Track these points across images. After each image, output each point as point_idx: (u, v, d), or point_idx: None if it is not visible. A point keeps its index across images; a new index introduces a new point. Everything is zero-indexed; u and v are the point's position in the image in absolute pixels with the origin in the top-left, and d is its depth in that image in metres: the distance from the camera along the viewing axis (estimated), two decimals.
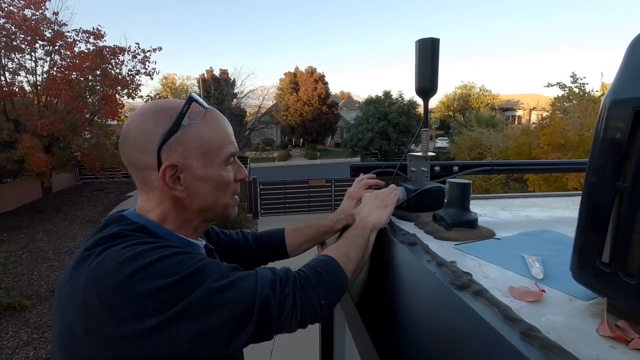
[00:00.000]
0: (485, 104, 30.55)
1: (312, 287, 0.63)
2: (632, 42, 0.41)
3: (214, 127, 0.67)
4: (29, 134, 9.68)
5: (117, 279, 0.52)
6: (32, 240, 9.18)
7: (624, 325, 0.42)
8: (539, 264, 0.61)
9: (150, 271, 0.52)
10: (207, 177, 0.66)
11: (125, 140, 0.65)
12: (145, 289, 0.51)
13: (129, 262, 0.53)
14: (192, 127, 0.64)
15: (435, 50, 0.90)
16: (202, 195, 0.67)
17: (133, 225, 0.63)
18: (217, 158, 0.67)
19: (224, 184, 0.69)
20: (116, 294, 0.51)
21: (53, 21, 10.72)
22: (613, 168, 0.40)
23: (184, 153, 0.64)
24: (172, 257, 0.55)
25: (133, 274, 0.52)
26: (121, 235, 0.59)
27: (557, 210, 1.04)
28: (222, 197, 0.70)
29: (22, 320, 5.60)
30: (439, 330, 0.54)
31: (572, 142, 8.22)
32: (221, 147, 0.67)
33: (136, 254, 0.54)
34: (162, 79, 31.87)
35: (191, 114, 0.65)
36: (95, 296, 0.52)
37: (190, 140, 0.64)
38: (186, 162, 0.64)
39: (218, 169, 0.67)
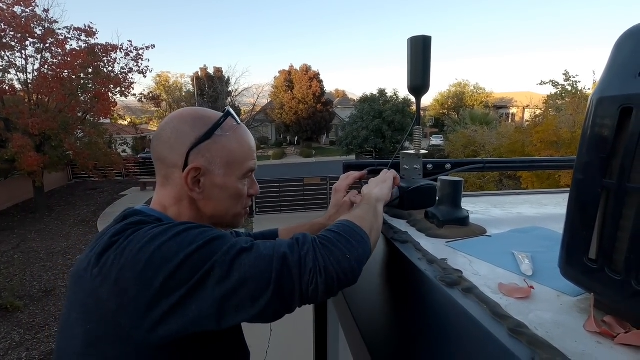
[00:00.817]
0: (480, 101, 30.75)
1: (333, 244, 0.61)
2: (618, 41, 0.41)
3: (242, 142, 0.72)
4: (19, 133, 9.56)
5: (149, 251, 0.55)
6: (24, 241, 9.08)
7: (610, 320, 0.42)
8: (529, 261, 0.61)
9: (177, 240, 0.56)
10: (225, 186, 0.70)
11: (160, 136, 0.70)
12: (175, 257, 0.54)
13: (158, 236, 0.56)
14: (223, 137, 0.70)
15: (427, 48, 0.90)
16: (216, 201, 0.71)
17: (151, 218, 0.66)
18: (238, 171, 0.71)
19: (238, 195, 0.73)
20: (148, 268, 0.54)
21: (44, 18, 10.57)
22: (600, 165, 0.41)
23: (210, 159, 0.68)
24: (195, 229, 0.59)
25: (162, 245, 0.55)
26: (145, 222, 0.63)
27: (547, 207, 1.05)
28: (233, 207, 0.74)
29: (15, 322, 5.54)
30: (429, 326, 0.54)
31: (565, 140, 8.30)
32: (244, 161, 0.72)
33: (164, 230, 0.58)
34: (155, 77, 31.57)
35: (225, 126, 0.70)
36: (129, 272, 0.55)
37: (219, 149, 0.69)
38: (209, 168, 0.69)
39: (236, 180, 0.71)
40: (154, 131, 0.77)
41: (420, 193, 0.94)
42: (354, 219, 0.70)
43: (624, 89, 0.39)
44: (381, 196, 0.85)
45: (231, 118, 0.72)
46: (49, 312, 5.80)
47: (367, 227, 0.69)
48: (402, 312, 0.63)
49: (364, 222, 0.70)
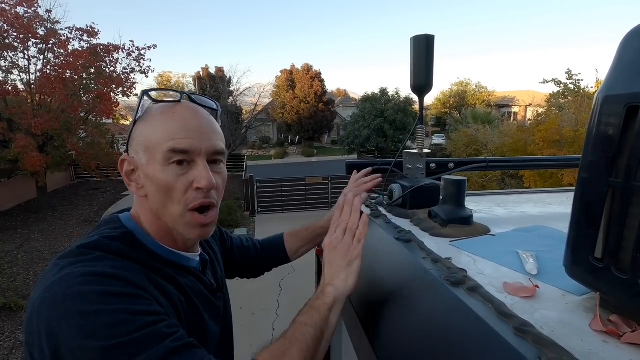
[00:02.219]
0: (481, 100, 30.65)
1: None
2: (624, 39, 0.41)
3: (156, 121, 0.62)
4: (22, 133, 9.59)
5: (54, 312, 0.49)
6: (28, 240, 9.12)
7: (616, 320, 0.42)
8: (533, 260, 0.61)
9: (80, 322, 0.48)
10: (150, 176, 0.61)
11: None
12: (71, 336, 0.48)
13: (71, 299, 0.49)
14: (140, 121, 0.63)
15: (430, 47, 0.90)
16: (151, 196, 0.63)
17: (119, 231, 0.62)
18: (157, 155, 0.60)
19: (166, 187, 0.60)
20: (49, 326, 0.49)
21: (46, 19, 10.61)
22: (605, 164, 0.41)
23: (135, 148, 0.63)
24: (110, 316, 0.49)
25: (66, 316, 0.49)
26: (95, 247, 0.57)
27: (551, 206, 1.05)
28: (169, 204, 0.61)
29: (19, 321, 5.56)
30: (434, 326, 0.54)
31: (568, 139, 8.26)
32: (158, 143, 0.60)
33: (81, 294, 0.50)
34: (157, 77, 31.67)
35: (141, 108, 0.64)
36: (35, 317, 0.51)
37: (137, 135, 0.63)
38: (137, 158, 0.63)
39: (160, 168, 0.60)
40: None
41: (424, 192, 0.94)
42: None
43: (630, 88, 0.39)
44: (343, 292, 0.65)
45: (147, 98, 0.63)
46: None
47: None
48: (406, 311, 0.63)
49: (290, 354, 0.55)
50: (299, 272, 6.41)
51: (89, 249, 0.57)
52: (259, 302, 5.43)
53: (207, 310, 0.70)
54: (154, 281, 0.59)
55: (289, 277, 6.30)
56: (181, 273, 0.66)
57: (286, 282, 6.18)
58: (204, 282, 0.72)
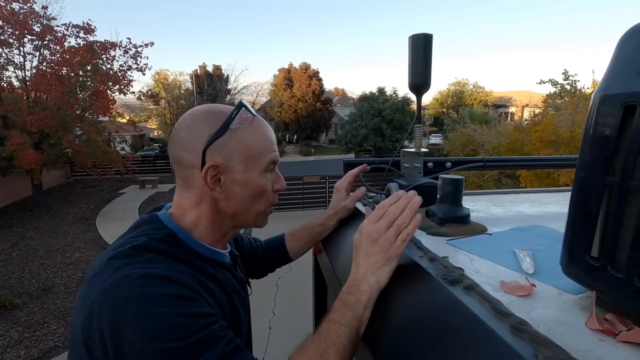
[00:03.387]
0: (479, 100, 30.78)
1: None
2: (621, 38, 0.41)
3: (258, 133, 0.69)
4: (18, 130, 9.54)
5: (116, 315, 0.51)
6: (23, 238, 9.06)
7: (612, 318, 0.42)
8: (530, 259, 0.61)
9: (144, 324, 0.50)
10: (246, 182, 0.67)
11: (175, 138, 0.67)
12: (134, 337, 0.50)
13: (133, 302, 0.52)
14: (238, 131, 0.66)
15: (428, 46, 0.90)
16: (238, 199, 0.68)
17: (162, 232, 0.64)
18: (258, 164, 0.68)
19: (261, 191, 0.69)
20: (111, 327, 0.51)
21: (42, 15, 10.53)
22: (602, 163, 0.41)
23: (228, 156, 0.65)
24: (172, 319, 0.51)
25: (130, 318, 0.51)
26: (146, 250, 0.59)
27: (548, 205, 1.05)
28: (257, 204, 0.70)
29: (13, 319, 5.53)
30: (430, 324, 0.54)
31: (564, 139, 8.31)
32: (263, 154, 0.68)
33: (141, 296, 0.52)
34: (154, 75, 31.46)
35: (239, 119, 0.67)
36: (96, 318, 0.52)
37: (235, 144, 0.66)
38: (228, 165, 0.65)
39: (258, 175, 0.68)
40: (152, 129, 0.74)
41: (421, 191, 0.94)
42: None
43: (627, 87, 0.39)
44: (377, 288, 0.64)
45: (245, 110, 0.68)
46: (47, 310, 5.80)
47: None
48: (403, 310, 0.63)
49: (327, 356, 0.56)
50: (296, 270, 6.41)
51: (141, 250, 0.59)
52: (255, 300, 5.39)
53: (240, 303, 0.74)
54: (201, 282, 0.62)
55: (286, 275, 6.30)
56: (219, 269, 0.70)
57: (283, 280, 6.18)
58: (236, 276, 0.76)
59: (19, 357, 4.69)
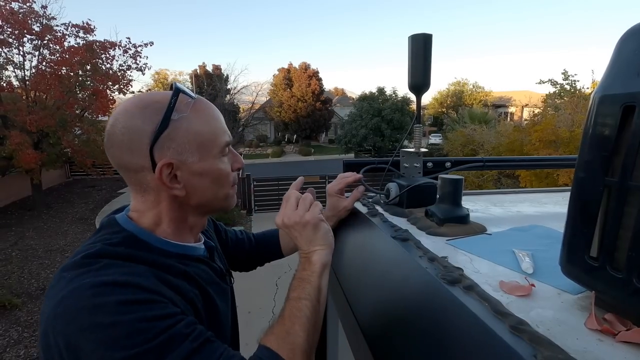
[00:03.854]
0: (478, 100, 30.79)
1: None
2: (621, 38, 0.41)
3: (205, 117, 0.63)
4: (17, 130, 9.52)
5: (71, 327, 0.49)
6: (22, 238, 9.05)
7: (611, 318, 0.42)
8: (529, 259, 0.61)
9: (99, 335, 0.48)
10: (205, 171, 0.63)
11: (112, 141, 0.61)
12: (91, 348, 0.48)
13: (86, 311, 0.50)
14: (182, 120, 0.61)
15: (428, 46, 0.90)
16: (200, 190, 0.64)
17: (120, 235, 0.61)
18: (213, 149, 0.64)
19: (223, 175, 0.67)
20: (67, 340, 0.49)
21: (41, 15, 10.51)
22: (602, 163, 0.41)
23: (178, 149, 0.60)
24: (128, 326, 0.49)
25: (84, 330, 0.49)
26: (101, 255, 0.56)
27: (547, 205, 1.05)
28: (220, 189, 0.67)
29: (13, 319, 5.53)
30: (430, 324, 0.55)
31: (563, 139, 8.32)
32: (215, 137, 0.64)
33: (95, 306, 0.50)
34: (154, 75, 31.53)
35: (180, 106, 0.61)
36: (51, 332, 0.51)
37: (183, 135, 0.60)
38: (181, 159, 0.61)
39: (215, 161, 0.64)
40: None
41: (421, 191, 0.94)
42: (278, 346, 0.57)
43: (627, 87, 0.39)
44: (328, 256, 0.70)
45: (183, 94, 0.62)
46: None
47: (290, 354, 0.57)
48: (403, 310, 0.63)
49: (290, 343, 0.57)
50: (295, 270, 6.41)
51: (94, 257, 0.56)
52: (255, 300, 5.42)
53: (219, 296, 0.71)
54: (165, 281, 0.58)
55: (285, 275, 6.30)
56: (190, 264, 0.66)
57: (282, 280, 6.18)
58: (214, 268, 0.73)
59: (19, 357, 4.69)
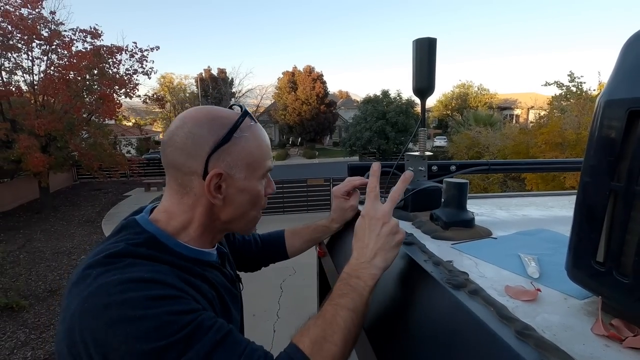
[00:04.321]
0: (483, 103, 30.64)
1: None
2: (626, 43, 0.41)
3: (259, 141, 0.69)
4: (26, 134, 9.66)
5: (99, 322, 0.51)
6: (30, 241, 9.15)
7: (618, 324, 0.42)
8: (535, 263, 0.61)
9: (128, 328, 0.50)
10: (247, 189, 0.68)
11: (173, 141, 0.64)
12: (119, 342, 0.50)
13: (115, 307, 0.51)
14: (242, 139, 0.66)
15: (432, 50, 0.90)
16: (236, 206, 0.68)
17: (142, 236, 0.62)
18: (258, 172, 0.68)
19: (258, 197, 0.70)
20: (93, 335, 0.50)
21: (50, 20, 10.69)
22: (607, 168, 0.41)
23: (231, 163, 0.65)
24: (156, 319, 0.51)
25: (112, 324, 0.50)
26: (124, 255, 0.58)
27: (553, 209, 1.04)
28: (252, 209, 0.71)
29: (20, 321, 5.58)
30: (435, 329, 0.54)
31: (570, 141, 8.25)
32: (263, 161, 0.69)
33: (123, 301, 0.51)
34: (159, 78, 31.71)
35: (243, 126, 0.66)
36: (78, 329, 0.52)
37: (239, 152, 0.65)
38: (231, 172, 0.65)
39: (257, 182, 0.69)
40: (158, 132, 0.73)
41: (426, 195, 0.94)
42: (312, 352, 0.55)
43: (632, 92, 0.39)
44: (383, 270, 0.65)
45: (248, 117, 0.68)
46: (54, 312, 5.84)
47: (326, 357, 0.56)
48: (408, 314, 0.63)
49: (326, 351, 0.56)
50: (300, 273, 6.41)
51: (117, 257, 0.57)
52: (260, 303, 5.42)
53: (231, 301, 0.73)
54: (187, 280, 0.61)
55: (290, 278, 6.30)
56: (206, 269, 0.69)
57: (287, 283, 6.18)
58: (225, 274, 0.76)
59: (26, 359, 4.73)
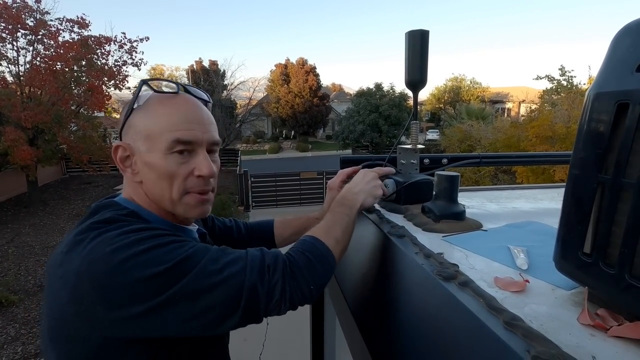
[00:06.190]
0: (476, 96, 30.75)
1: (302, 274, 0.62)
2: (615, 36, 0.41)
3: (158, 111, 0.64)
4: (12, 126, 9.43)
5: (110, 265, 0.52)
6: (18, 235, 9.02)
7: (603, 313, 0.43)
8: (524, 255, 0.62)
9: (141, 259, 0.53)
10: (150, 164, 0.64)
11: None
12: (136, 276, 0.52)
13: (122, 249, 0.53)
14: (139, 110, 0.65)
15: (424, 42, 0.90)
16: (149, 182, 0.65)
17: (124, 210, 0.64)
18: (159, 144, 0.63)
19: (167, 174, 0.63)
20: (108, 279, 0.52)
21: (35, 9, 10.39)
22: (595, 160, 0.41)
23: (133, 136, 0.65)
24: (164, 247, 0.55)
25: (125, 261, 0.52)
26: (114, 220, 0.59)
27: (542, 201, 1.06)
28: (167, 190, 0.64)
29: (10, 316, 5.52)
30: (425, 320, 0.55)
31: (560, 135, 8.35)
32: (161, 132, 0.63)
33: (130, 242, 0.54)
34: (150, 70, 31.24)
35: (141, 97, 0.65)
36: (87, 281, 0.53)
37: (136, 124, 0.65)
38: (135, 145, 0.65)
39: (161, 156, 0.63)
40: None
41: (417, 188, 0.94)
42: (328, 241, 0.69)
43: (621, 85, 0.39)
44: (367, 203, 0.83)
45: (147, 87, 0.66)
46: None
47: (338, 250, 0.70)
48: (399, 306, 0.64)
49: (337, 245, 0.70)
50: None
51: (108, 222, 0.59)
52: None
53: None
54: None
55: None
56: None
57: None
58: None
59: (16, 354, 4.69)
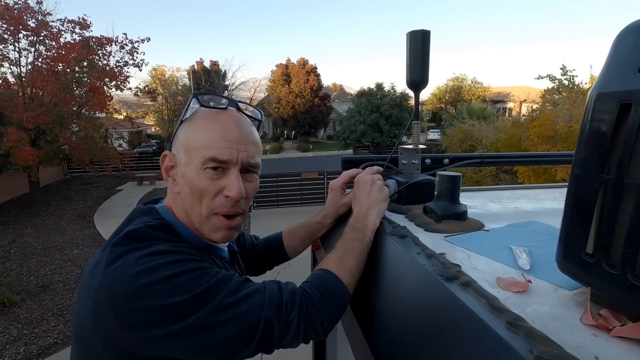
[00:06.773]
0: (477, 96, 30.70)
1: (316, 311, 0.63)
2: (618, 36, 0.41)
3: (200, 126, 0.65)
4: (14, 127, 9.47)
5: (129, 288, 0.53)
6: (20, 235, 9.04)
7: (606, 314, 0.43)
8: (526, 255, 0.62)
9: (161, 287, 0.53)
10: (186, 176, 0.64)
11: None
12: (154, 303, 0.52)
13: (144, 274, 0.54)
14: (187, 122, 0.67)
15: (426, 42, 0.90)
16: (184, 195, 0.66)
17: (160, 222, 0.65)
18: (195, 159, 0.63)
19: (198, 189, 0.63)
20: (126, 302, 0.53)
21: (37, 10, 10.43)
22: (598, 160, 0.41)
23: (178, 147, 0.66)
24: (186, 274, 0.55)
25: (145, 287, 0.53)
26: (144, 238, 0.60)
27: (544, 201, 1.06)
28: (197, 206, 0.64)
29: (12, 316, 5.54)
30: (428, 320, 0.55)
31: (561, 134, 8.33)
32: (199, 148, 0.63)
33: (153, 267, 0.54)
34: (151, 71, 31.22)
35: (189, 110, 0.67)
36: (106, 299, 0.53)
37: (181, 135, 0.67)
38: (178, 156, 0.66)
39: (195, 170, 0.63)
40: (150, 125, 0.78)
41: (419, 188, 0.94)
42: (342, 274, 0.68)
43: (623, 85, 0.39)
44: (378, 221, 0.81)
45: (195, 101, 0.67)
46: (46, 307, 5.80)
47: (352, 282, 0.70)
48: (401, 306, 0.64)
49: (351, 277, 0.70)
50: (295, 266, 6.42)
51: (138, 236, 0.60)
52: None
53: None
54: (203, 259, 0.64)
55: (285, 272, 6.30)
56: (217, 261, 0.70)
57: (282, 276, 6.16)
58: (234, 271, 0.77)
59: (18, 354, 4.70)
